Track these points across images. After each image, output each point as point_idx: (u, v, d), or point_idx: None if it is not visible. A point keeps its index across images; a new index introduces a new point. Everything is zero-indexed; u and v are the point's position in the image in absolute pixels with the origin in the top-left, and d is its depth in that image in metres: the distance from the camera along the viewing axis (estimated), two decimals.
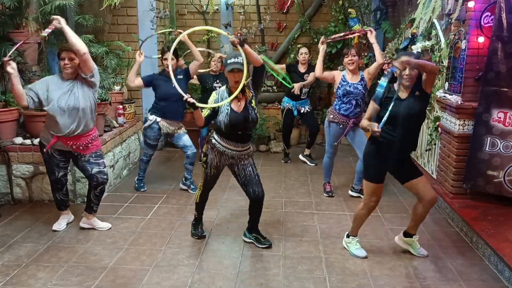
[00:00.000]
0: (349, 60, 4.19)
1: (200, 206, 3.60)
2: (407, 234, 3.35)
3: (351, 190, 4.62)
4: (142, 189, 4.68)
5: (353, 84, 4.24)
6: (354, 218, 3.37)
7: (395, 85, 3.03)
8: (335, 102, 4.40)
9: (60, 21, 3.12)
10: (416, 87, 3.00)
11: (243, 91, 3.17)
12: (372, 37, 4.21)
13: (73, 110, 3.29)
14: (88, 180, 3.60)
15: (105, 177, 3.57)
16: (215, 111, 3.21)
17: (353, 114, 4.28)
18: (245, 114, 3.17)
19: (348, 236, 3.42)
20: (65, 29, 3.13)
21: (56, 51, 3.47)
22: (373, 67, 4.26)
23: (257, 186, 3.31)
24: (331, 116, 4.38)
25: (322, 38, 4.37)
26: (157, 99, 4.49)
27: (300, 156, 5.87)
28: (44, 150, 3.47)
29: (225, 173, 3.57)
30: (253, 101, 3.23)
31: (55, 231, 3.64)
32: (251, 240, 3.51)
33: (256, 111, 3.22)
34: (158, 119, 4.42)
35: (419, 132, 3.20)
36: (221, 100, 3.19)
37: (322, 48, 4.34)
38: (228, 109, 3.17)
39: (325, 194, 4.58)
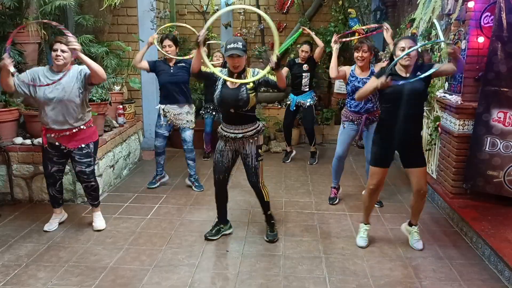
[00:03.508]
0: (360, 56, 4.02)
1: (216, 201, 3.60)
2: (410, 223, 3.54)
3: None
4: (150, 185, 4.73)
5: (362, 79, 4.06)
6: (363, 203, 3.56)
7: (397, 68, 3.16)
8: (346, 101, 4.29)
9: (77, 49, 3.23)
10: (418, 69, 3.12)
11: (241, 75, 3.25)
12: (388, 36, 4.04)
13: (59, 103, 3.30)
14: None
15: (84, 176, 3.57)
16: (210, 77, 3.32)
17: (364, 110, 4.10)
18: (236, 92, 3.23)
19: (361, 223, 3.57)
20: (82, 57, 3.25)
21: None
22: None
23: (252, 176, 3.44)
24: (344, 115, 4.28)
25: (334, 37, 4.12)
26: (159, 86, 4.56)
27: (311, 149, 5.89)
28: (42, 142, 3.51)
29: None
30: (251, 84, 3.24)
31: (46, 231, 3.63)
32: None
33: (249, 93, 3.22)
34: (163, 106, 4.52)
35: (421, 114, 3.28)
36: (220, 77, 3.30)
37: (335, 48, 4.09)
38: (221, 84, 3.30)
39: (328, 201, 4.42)
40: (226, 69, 3.32)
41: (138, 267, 3.13)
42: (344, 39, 4.44)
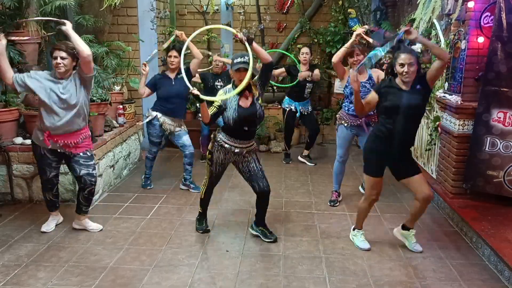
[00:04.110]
0: (354, 60, 4.05)
1: (204, 202, 3.67)
2: (404, 227, 3.46)
3: (361, 187, 4.69)
4: (148, 187, 4.74)
5: (361, 83, 4.05)
6: (358, 211, 3.49)
7: (397, 80, 3.13)
8: (344, 104, 4.30)
9: (66, 25, 3.23)
10: (418, 82, 3.10)
11: (249, 88, 3.26)
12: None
13: (65, 108, 3.30)
14: (77, 181, 3.62)
15: (93, 179, 3.55)
16: (221, 110, 3.27)
17: None
18: (253, 109, 3.26)
19: (353, 229, 3.53)
20: (69, 32, 3.21)
21: None
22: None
23: (261, 180, 3.41)
24: (341, 118, 4.28)
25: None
26: (158, 98, 4.55)
27: (299, 157, 5.88)
28: (39, 148, 3.46)
29: (225, 173, 3.58)
30: (260, 99, 3.33)
31: (44, 232, 3.63)
32: (257, 233, 3.59)
33: (262, 108, 3.33)
34: (159, 115, 4.48)
35: (418, 127, 3.27)
36: (230, 99, 3.28)
37: (350, 43, 4.04)
38: (236, 105, 3.25)
39: (328, 203, 4.40)
40: (231, 88, 3.30)
41: (138, 267, 3.13)
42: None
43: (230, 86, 3.33)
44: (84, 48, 3.21)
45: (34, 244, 3.44)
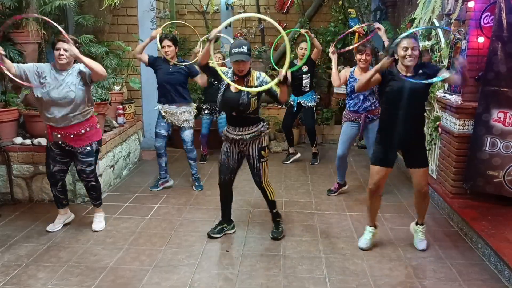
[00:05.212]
0: (363, 59, 4.16)
1: (220, 198, 3.65)
2: (417, 222, 3.52)
3: None
4: (152, 189, 4.70)
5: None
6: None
7: (398, 66, 3.15)
8: (346, 101, 4.45)
9: (74, 51, 3.21)
10: (420, 67, 3.12)
11: (245, 77, 3.25)
12: (383, 35, 4.21)
13: (64, 101, 3.30)
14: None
15: (84, 176, 3.58)
16: (216, 74, 3.23)
17: (363, 109, 4.26)
18: (237, 96, 3.23)
19: (367, 225, 3.53)
20: (78, 56, 3.21)
21: None
22: None
23: (254, 176, 3.50)
24: (345, 116, 4.44)
25: (331, 48, 4.38)
26: (157, 84, 4.56)
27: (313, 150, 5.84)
28: (47, 140, 3.50)
29: None
30: (252, 90, 3.21)
31: (48, 232, 3.62)
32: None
33: (250, 97, 3.22)
34: (160, 106, 4.52)
35: (423, 115, 3.26)
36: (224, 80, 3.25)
37: (333, 58, 4.35)
38: (224, 88, 3.30)
39: (326, 193, 4.60)
40: (231, 71, 3.31)
41: (138, 267, 3.13)
42: (342, 50, 4.64)
43: (230, 70, 3.32)
44: (101, 71, 3.30)
45: (34, 244, 3.44)
